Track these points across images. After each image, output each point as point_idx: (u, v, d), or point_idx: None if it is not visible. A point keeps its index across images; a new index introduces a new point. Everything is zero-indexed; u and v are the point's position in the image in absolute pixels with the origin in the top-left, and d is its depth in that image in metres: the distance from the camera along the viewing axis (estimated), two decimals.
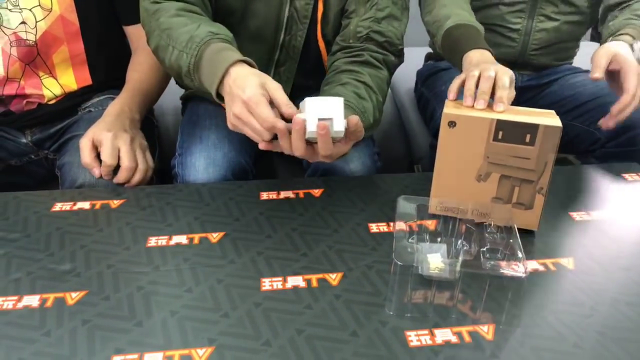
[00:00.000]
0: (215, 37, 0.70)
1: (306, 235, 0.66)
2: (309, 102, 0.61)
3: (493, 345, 0.51)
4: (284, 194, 0.75)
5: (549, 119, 0.63)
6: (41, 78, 0.90)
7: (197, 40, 0.70)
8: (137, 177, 0.79)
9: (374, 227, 0.68)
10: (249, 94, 0.61)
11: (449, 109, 0.65)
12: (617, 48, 0.85)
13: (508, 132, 0.63)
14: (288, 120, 0.62)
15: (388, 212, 0.71)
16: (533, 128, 0.62)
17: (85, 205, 0.72)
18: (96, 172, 0.78)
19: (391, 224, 0.69)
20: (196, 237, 0.65)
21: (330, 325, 0.53)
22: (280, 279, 0.59)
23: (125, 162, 0.78)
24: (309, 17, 0.85)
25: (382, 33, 0.84)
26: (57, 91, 0.92)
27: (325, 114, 0.60)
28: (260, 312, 0.54)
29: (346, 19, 0.86)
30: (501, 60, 0.79)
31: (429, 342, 0.51)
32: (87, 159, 0.78)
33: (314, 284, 0.58)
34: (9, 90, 0.89)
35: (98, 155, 0.79)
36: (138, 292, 0.56)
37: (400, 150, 1.24)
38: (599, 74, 0.82)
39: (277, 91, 0.63)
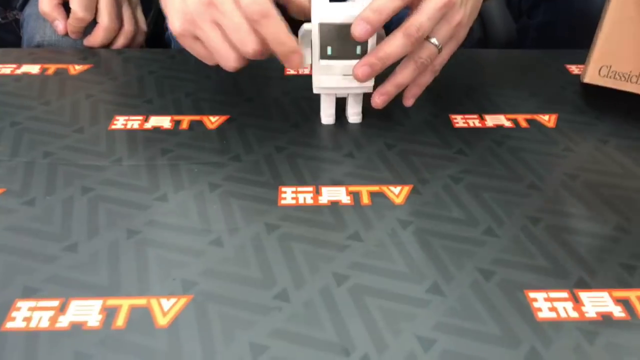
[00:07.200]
0: None
1: (355, 130, 0.43)
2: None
3: None
4: None
5: None
6: None
7: None
8: (121, 42, 0.57)
9: (459, 121, 0.44)
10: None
11: None
12: None
13: None
14: None
15: (480, 101, 0.47)
16: None
17: (33, 69, 0.49)
18: (59, 26, 0.55)
19: (485, 116, 0.45)
20: (185, 120, 0.43)
21: (404, 276, 0.31)
22: (310, 189, 0.36)
23: (105, 21, 0.55)
24: None
25: None
26: None
27: None
28: (274, 240, 0.32)
29: None
30: None
31: (574, 314, 0.29)
32: (46, 7, 0.55)
33: (365, 200, 0.36)
34: None
35: (64, 4, 0.56)
36: (82, 195, 0.35)
37: (475, 36, 0.96)
38: None
39: None
